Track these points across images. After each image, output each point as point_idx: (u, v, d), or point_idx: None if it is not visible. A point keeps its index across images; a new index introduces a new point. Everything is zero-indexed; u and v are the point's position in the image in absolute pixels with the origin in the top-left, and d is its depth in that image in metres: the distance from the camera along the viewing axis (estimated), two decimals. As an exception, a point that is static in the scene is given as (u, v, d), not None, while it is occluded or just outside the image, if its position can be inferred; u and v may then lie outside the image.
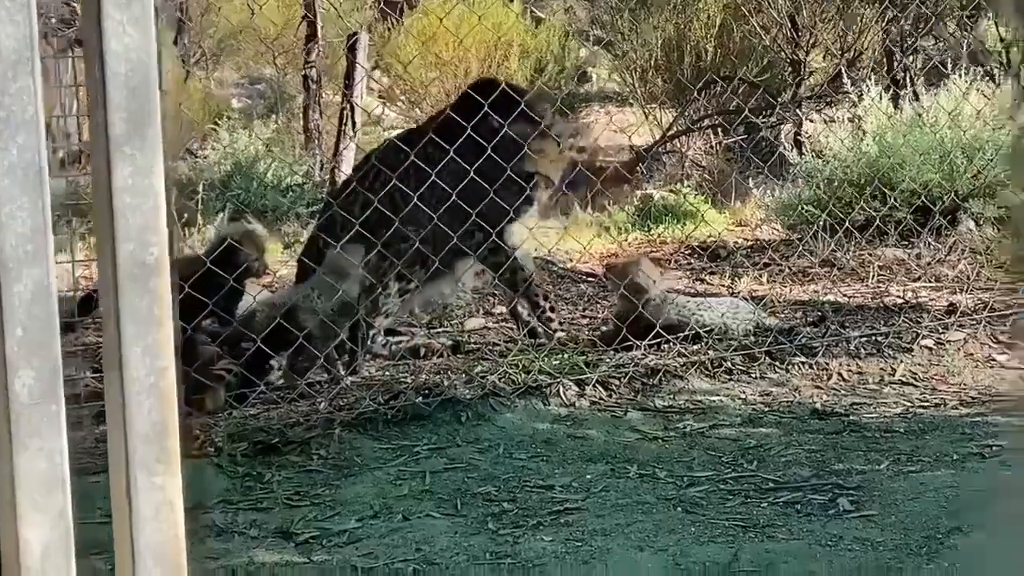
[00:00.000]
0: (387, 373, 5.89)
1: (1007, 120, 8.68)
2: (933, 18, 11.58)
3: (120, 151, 1.42)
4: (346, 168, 7.92)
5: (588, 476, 4.63)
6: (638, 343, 5.85)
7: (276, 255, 8.52)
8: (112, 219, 1.43)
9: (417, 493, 4.51)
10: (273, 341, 5.51)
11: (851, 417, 5.21)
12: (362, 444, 4.95)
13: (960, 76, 9.02)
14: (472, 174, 5.82)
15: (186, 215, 9.21)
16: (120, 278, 1.43)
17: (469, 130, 5.75)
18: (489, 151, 5.82)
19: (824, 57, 12.41)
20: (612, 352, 5.84)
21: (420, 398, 5.22)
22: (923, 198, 7.69)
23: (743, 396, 5.49)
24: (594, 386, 5.44)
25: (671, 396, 5.46)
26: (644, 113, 12.43)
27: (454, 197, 5.86)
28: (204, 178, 10.70)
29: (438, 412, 5.16)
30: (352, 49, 7.59)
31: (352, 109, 7.66)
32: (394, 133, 13.64)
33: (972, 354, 5.94)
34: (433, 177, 5.93)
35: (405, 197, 5.92)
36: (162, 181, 1.46)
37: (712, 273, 7.84)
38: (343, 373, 5.71)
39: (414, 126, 6.40)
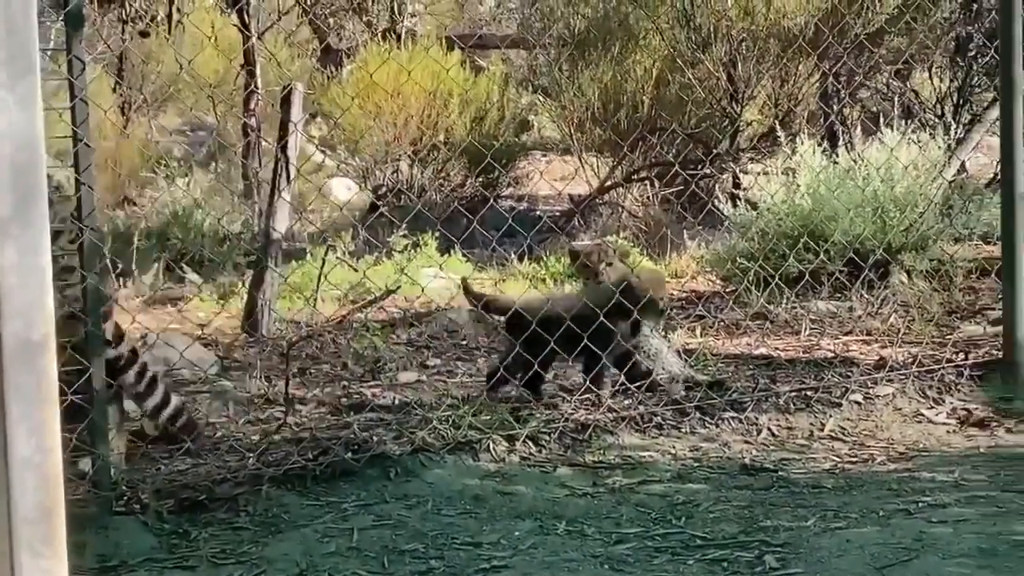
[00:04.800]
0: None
1: (938, 174, 8.78)
2: (862, 73, 11.70)
3: (6, 231, 1.41)
4: (281, 218, 7.87)
5: (516, 533, 4.62)
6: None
7: (211, 307, 8.48)
8: (-2, 298, 1.42)
9: (344, 551, 4.48)
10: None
11: (780, 473, 5.23)
12: (290, 501, 4.92)
13: (893, 129, 9.11)
14: None
15: (120, 265, 9.14)
16: (5, 357, 1.42)
17: None
18: None
19: (760, 110, 12.51)
20: (542, 408, 5.84)
21: (349, 454, 5.19)
22: (855, 251, 7.76)
23: (673, 451, 5.50)
24: (524, 441, 5.44)
25: (601, 451, 5.46)
26: (581, 163, 12.47)
27: None
28: (141, 227, 10.66)
29: (367, 468, 5.14)
30: (286, 101, 7.56)
31: (287, 161, 7.62)
32: (334, 180, 13.74)
33: (900, 409, 5.98)
34: None
35: None
36: (48, 259, 1.45)
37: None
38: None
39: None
